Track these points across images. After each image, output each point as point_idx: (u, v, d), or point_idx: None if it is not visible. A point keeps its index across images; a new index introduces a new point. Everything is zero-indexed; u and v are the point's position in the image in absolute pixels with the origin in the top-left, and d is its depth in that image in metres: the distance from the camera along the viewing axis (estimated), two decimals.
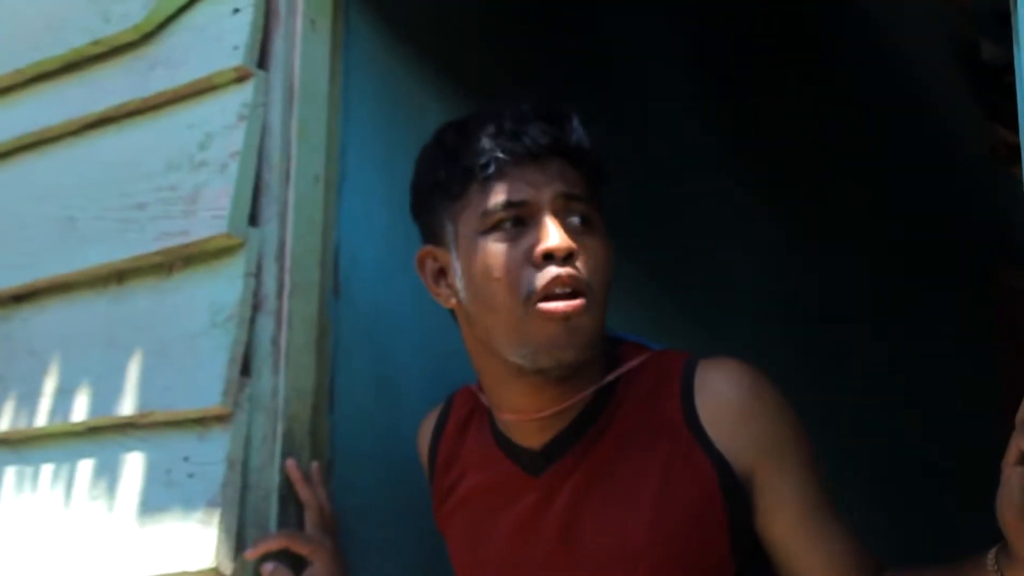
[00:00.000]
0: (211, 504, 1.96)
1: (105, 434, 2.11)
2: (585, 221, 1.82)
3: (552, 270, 1.77)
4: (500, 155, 1.81)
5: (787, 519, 1.84)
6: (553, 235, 1.77)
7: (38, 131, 2.32)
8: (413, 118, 2.33)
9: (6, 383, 2.22)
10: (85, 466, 2.12)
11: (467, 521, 1.98)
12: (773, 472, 1.83)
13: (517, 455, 1.92)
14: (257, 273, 2.07)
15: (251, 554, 1.95)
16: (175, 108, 2.19)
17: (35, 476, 2.16)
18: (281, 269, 2.07)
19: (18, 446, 2.20)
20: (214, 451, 2.00)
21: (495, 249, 1.79)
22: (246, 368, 2.03)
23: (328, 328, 2.14)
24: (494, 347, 1.83)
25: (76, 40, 2.28)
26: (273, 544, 1.95)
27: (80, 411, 2.12)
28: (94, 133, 2.27)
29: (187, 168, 2.12)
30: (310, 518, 2.02)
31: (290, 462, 2.01)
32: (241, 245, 2.06)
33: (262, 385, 2.03)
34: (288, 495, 2.01)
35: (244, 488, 1.99)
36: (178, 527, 1.97)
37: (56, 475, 2.14)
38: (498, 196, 1.80)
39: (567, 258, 1.77)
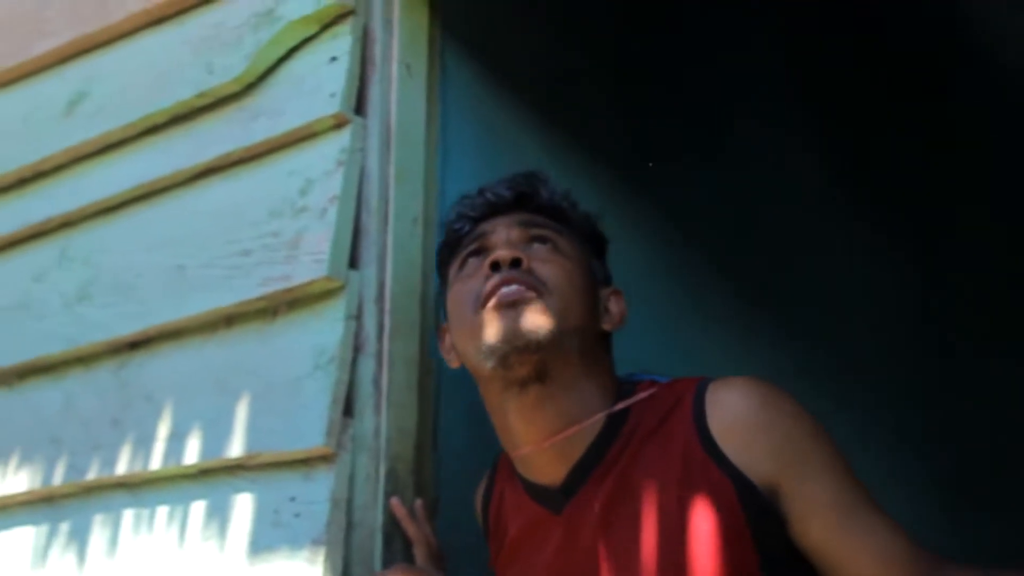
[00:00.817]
0: (317, 543, 1.99)
1: (216, 476, 2.16)
2: (548, 242, 1.97)
3: (500, 275, 1.90)
4: (470, 213, 2.04)
5: (823, 523, 1.81)
6: (499, 249, 1.92)
7: (149, 183, 2.39)
8: (512, 156, 2.37)
9: (123, 428, 2.29)
10: (197, 507, 2.17)
11: (515, 568, 2.01)
12: (797, 479, 1.82)
13: (540, 496, 1.96)
14: (358, 315, 2.11)
15: None
16: (277, 156, 2.24)
17: (151, 518, 2.22)
18: (381, 311, 2.11)
19: (135, 489, 2.26)
20: (319, 491, 2.03)
21: (461, 283, 1.98)
22: (349, 409, 2.07)
23: (430, 367, 2.17)
24: (473, 367, 1.94)
25: (183, 93, 2.36)
26: None
27: (192, 454, 2.17)
28: (201, 183, 2.34)
29: (289, 214, 2.17)
30: (420, 554, 2.05)
31: (394, 500, 2.04)
32: (342, 288, 2.10)
33: (364, 425, 2.07)
34: (392, 532, 2.04)
35: (349, 526, 2.03)
36: (286, 566, 2.01)
37: (171, 516, 2.19)
38: (465, 243, 1.99)
39: (515, 266, 1.90)
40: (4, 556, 2.39)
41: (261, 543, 2.06)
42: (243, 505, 2.11)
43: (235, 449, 2.13)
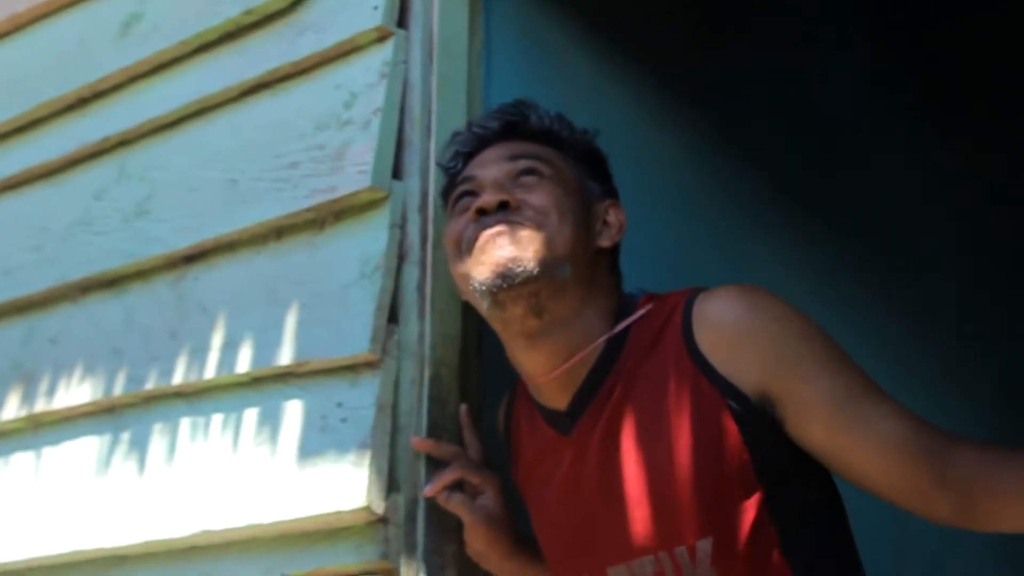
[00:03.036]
0: (362, 447, 2.04)
1: (267, 384, 2.22)
2: (535, 173, 1.96)
3: (484, 220, 1.91)
4: (461, 149, 2.06)
5: (821, 423, 1.81)
6: (486, 194, 1.93)
7: (201, 99, 2.44)
8: (557, 69, 2.38)
9: (180, 339, 2.35)
10: (250, 414, 2.22)
11: (530, 488, 2.07)
12: (789, 382, 1.81)
13: (551, 419, 2.00)
14: (402, 224, 2.15)
15: (432, 491, 2.02)
16: (322, 70, 2.28)
17: (206, 425, 2.28)
18: (424, 220, 2.15)
19: (191, 398, 2.32)
20: (365, 396, 2.08)
21: (452, 222, 2.00)
22: (394, 316, 2.11)
23: None
24: (475, 305, 1.98)
25: (231, 11, 2.40)
26: (449, 478, 2.03)
27: (244, 363, 2.23)
28: (251, 99, 2.38)
29: (334, 127, 2.21)
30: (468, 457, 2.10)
31: (463, 407, 2.10)
32: (386, 198, 2.14)
33: (409, 332, 2.11)
34: (437, 436, 2.08)
35: (394, 431, 2.07)
36: (333, 469, 2.06)
37: (224, 423, 2.25)
38: (457, 181, 2.03)
39: (503, 210, 1.91)
40: (70, 464, 2.46)
41: (309, 448, 2.11)
42: (293, 411, 2.16)
43: (285, 357, 2.18)
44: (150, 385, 2.36)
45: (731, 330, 1.85)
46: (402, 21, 2.22)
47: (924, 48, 3.46)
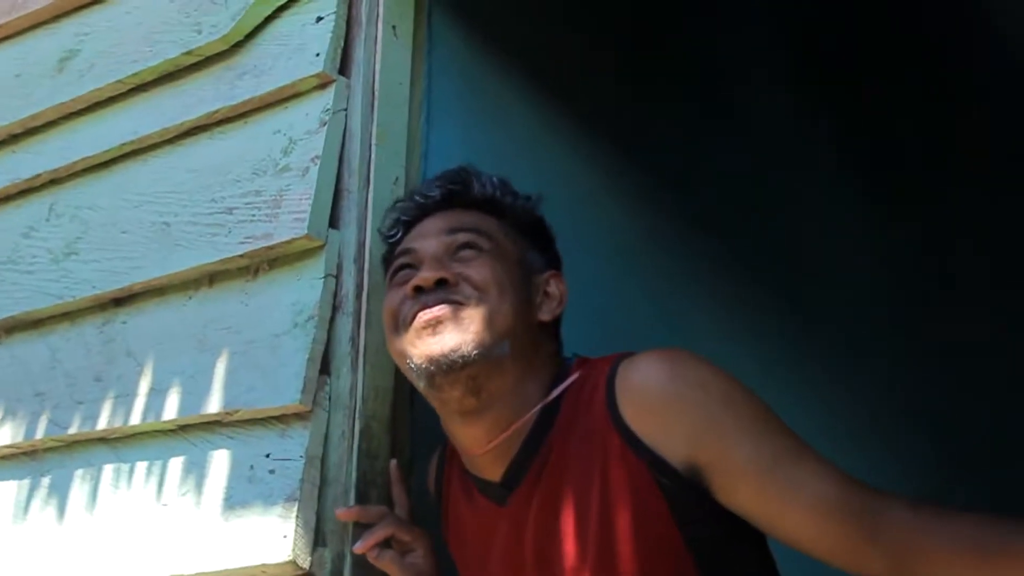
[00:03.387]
0: (290, 499, 2.00)
1: (194, 432, 2.17)
2: (474, 247, 1.94)
3: (422, 298, 1.89)
4: (402, 217, 2.05)
5: (747, 488, 1.79)
6: (424, 270, 1.92)
7: (136, 140, 2.41)
8: (497, 120, 2.37)
9: (106, 384, 2.30)
10: (175, 463, 2.18)
11: (463, 554, 2.05)
12: (715, 449, 1.79)
13: (485, 489, 1.98)
14: (337, 274, 2.12)
15: (362, 547, 1.98)
16: (261, 115, 2.25)
17: (131, 472, 2.23)
18: (360, 270, 2.12)
19: (116, 444, 2.27)
20: (294, 448, 2.05)
21: (390, 294, 1.98)
22: (326, 367, 2.08)
23: None
24: (410, 379, 1.97)
25: (171, 51, 2.37)
26: (381, 534, 1.99)
27: (171, 410, 2.19)
28: (187, 141, 2.35)
29: (272, 173, 2.18)
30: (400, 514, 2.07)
31: (393, 462, 2.07)
32: (321, 247, 2.11)
33: (341, 384, 2.08)
34: (365, 491, 2.05)
35: (323, 483, 2.04)
36: (260, 521, 2.02)
37: (149, 471, 2.21)
38: (396, 252, 2.02)
39: (441, 287, 1.90)
40: None
41: (236, 498, 2.07)
42: (220, 461, 2.12)
43: (213, 405, 2.14)
44: (73, 430, 2.32)
45: (653, 401, 1.83)
46: (343, 68, 2.20)
47: (851, 100, 3.47)
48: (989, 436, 3.61)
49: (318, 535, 2.01)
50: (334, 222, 2.14)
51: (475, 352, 1.87)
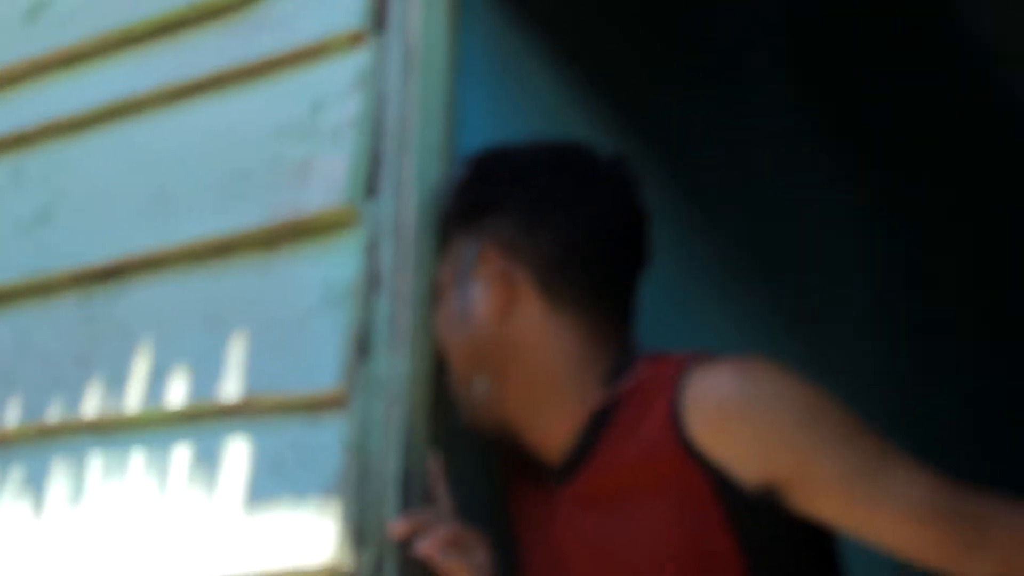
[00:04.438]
0: (327, 493, 1.81)
1: (204, 419, 1.96)
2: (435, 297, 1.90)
3: None
4: None
5: (835, 498, 1.68)
6: None
7: (126, 98, 2.17)
8: (526, 94, 2.21)
9: (90, 365, 2.08)
10: (181, 454, 1.97)
11: (523, 528, 1.93)
12: (795, 465, 1.68)
13: (543, 469, 1.86)
14: (374, 248, 1.93)
15: (427, 548, 1.77)
16: (282, 73, 2.04)
17: (124, 464, 2.01)
18: (399, 244, 1.93)
19: (105, 432, 2.05)
20: (328, 437, 1.85)
21: None
22: (362, 349, 1.89)
23: None
24: None
25: (173, 2, 2.14)
26: (446, 534, 1.79)
27: (177, 395, 1.98)
28: (189, 100, 2.13)
29: (297, 136, 1.99)
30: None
31: (435, 456, 1.88)
32: (357, 218, 1.92)
33: (379, 367, 1.88)
34: (409, 485, 1.86)
35: (361, 476, 1.85)
36: (290, 519, 1.83)
37: (149, 463, 1.99)
38: None
39: None
40: None
41: (260, 492, 1.87)
42: (237, 452, 1.92)
43: (228, 391, 1.94)
44: (51, 416, 2.08)
45: (724, 418, 1.69)
46: (379, 24, 2.00)
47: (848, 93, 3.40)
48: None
49: (359, 533, 1.82)
50: (370, 191, 1.94)
51: (467, 419, 1.87)
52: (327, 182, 1.93)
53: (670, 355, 1.82)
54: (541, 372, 1.83)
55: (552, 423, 1.83)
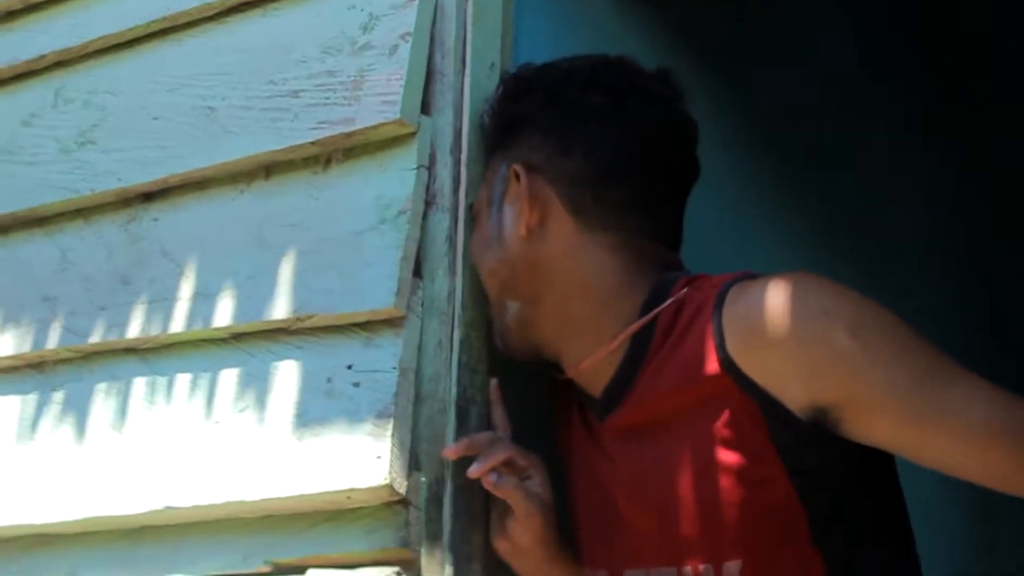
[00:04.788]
0: (382, 416, 1.76)
1: (252, 340, 1.91)
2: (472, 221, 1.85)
3: None
4: None
5: (889, 418, 1.57)
6: None
7: (169, 16, 2.12)
8: (581, 4, 2.15)
9: (135, 287, 2.02)
10: (229, 376, 1.92)
11: (571, 461, 1.85)
12: (843, 389, 1.57)
13: (588, 402, 1.79)
14: (430, 165, 1.87)
15: (479, 471, 1.72)
16: None
17: (169, 387, 1.97)
18: (457, 162, 1.87)
19: (148, 354, 2.00)
20: (383, 358, 1.80)
21: None
22: (418, 269, 1.84)
23: None
24: None
25: None
26: (500, 456, 1.73)
27: (223, 316, 1.92)
28: (234, 18, 2.07)
29: (348, 52, 1.93)
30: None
31: (493, 381, 1.82)
32: (413, 134, 1.86)
33: (436, 288, 1.83)
34: (466, 409, 1.81)
35: (417, 399, 1.79)
36: (344, 440, 1.77)
37: (194, 385, 1.94)
38: None
39: None
40: None
41: (311, 415, 1.82)
42: (287, 373, 1.87)
43: (278, 310, 1.88)
44: (93, 338, 2.03)
45: (766, 336, 1.59)
46: None
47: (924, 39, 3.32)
48: None
49: (414, 457, 1.77)
50: (426, 107, 1.88)
51: (504, 348, 1.82)
52: (381, 98, 1.87)
53: (713, 277, 1.74)
54: (574, 294, 1.76)
55: (587, 348, 1.75)
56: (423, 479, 1.76)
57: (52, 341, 2.07)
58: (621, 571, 1.75)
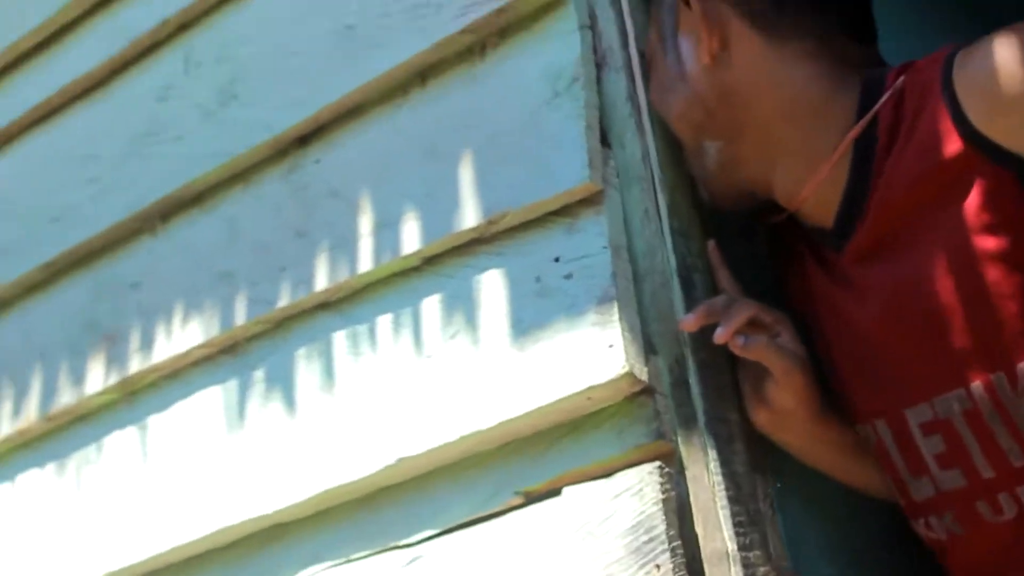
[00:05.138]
0: (603, 301, 1.57)
1: (445, 261, 1.74)
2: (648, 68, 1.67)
3: None
4: None
5: None
6: None
7: None
8: None
9: (312, 238, 1.87)
10: (430, 305, 1.74)
11: (810, 310, 1.66)
12: None
13: (818, 236, 1.60)
14: (592, 24, 1.68)
15: (723, 335, 1.53)
16: None
17: (371, 333, 1.80)
18: (619, 14, 1.68)
19: (342, 305, 1.84)
20: (590, 241, 1.61)
21: None
22: (603, 139, 1.64)
23: None
24: None
25: None
26: (744, 316, 1.55)
27: (411, 241, 1.75)
28: None
29: None
30: None
31: (711, 243, 1.64)
32: None
33: (627, 154, 1.64)
34: (689, 277, 1.61)
35: (635, 278, 1.60)
36: (568, 339, 1.59)
37: (396, 325, 1.77)
38: None
39: None
40: (187, 429, 1.96)
41: (528, 322, 1.64)
42: (491, 285, 1.69)
43: (467, 219, 1.71)
44: (281, 303, 1.87)
45: (1010, 93, 1.41)
46: None
47: None
48: None
49: (646, 341, 1.57)
50: None
51: (705, 195, 1.66)
52: None
53: (922, 59, 1.54)
54: (779, 116, 1.58)
55: (805, 172, 1.57)
56: (662, 362, 1.57)
57: (240, 317, 1.92)
58: (900, 413, 1.56)
